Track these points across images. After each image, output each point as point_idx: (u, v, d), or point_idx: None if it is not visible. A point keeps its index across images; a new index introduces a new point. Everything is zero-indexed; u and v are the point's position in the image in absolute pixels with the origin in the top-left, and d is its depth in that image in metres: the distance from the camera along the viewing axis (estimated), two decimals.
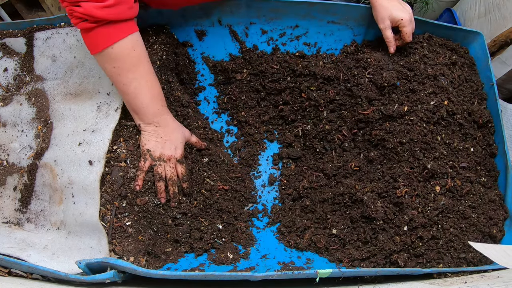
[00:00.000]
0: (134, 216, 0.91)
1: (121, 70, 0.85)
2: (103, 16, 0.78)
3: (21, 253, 0.86)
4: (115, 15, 0.80)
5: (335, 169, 1.09)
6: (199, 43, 1.18)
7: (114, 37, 0.82)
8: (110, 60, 0.84)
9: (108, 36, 0.81)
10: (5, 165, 0.99)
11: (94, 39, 0.82)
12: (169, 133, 0.94)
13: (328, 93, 1.11)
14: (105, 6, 0.77)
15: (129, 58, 0.85)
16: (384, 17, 1.04)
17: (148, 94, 0.89)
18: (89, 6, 0.76)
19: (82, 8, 0.76)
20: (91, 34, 0.81)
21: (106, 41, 0.82)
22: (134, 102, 0.89)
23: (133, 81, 0.87)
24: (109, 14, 0.79)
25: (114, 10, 0.79)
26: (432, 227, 0.92)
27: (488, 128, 1.06)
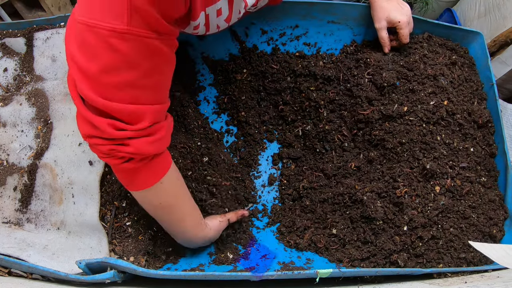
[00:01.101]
0: (134, 216, 0.91)
1: (167, 204, 0.76)
2: (154, 151, 0.65)
3: (21, 253, 0.86)
4: (164, 147, 0.68)
5: (335, 169, 1.09)
6: (199, 43, 1.18)
7: (162, 169, 0.70)
8: (160, 194, 0.73)
9: (157, 170, 0.69)
10: (5, 165, 0.99)
11: (139, 177, 0.69)
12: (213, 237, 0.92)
13: (328, 93, 1.11)
14: (157, 140, 0.64)
15: (177, 189, 0.76)
16: (381, 17, 1.04)
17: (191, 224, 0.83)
18: (141, 143, 0.61)
19: (132, 147, 0.61)
20: (136, 173, 0.68)
21: (155, 176, 0.69)
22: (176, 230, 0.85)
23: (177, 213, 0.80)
24: (160, 148, 0.67)
25: (165, 141, 0.67)
26: (432, 227, 0.92)
27: (488, 128, 1.06)
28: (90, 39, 0.53)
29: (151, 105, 0.60)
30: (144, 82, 0.58)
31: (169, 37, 0.58)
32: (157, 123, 0.64)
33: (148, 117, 0.60)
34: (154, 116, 0.61)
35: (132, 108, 0.58)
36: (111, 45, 0.53)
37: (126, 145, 0.61)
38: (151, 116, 0.61)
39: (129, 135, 0.60)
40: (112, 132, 0.59)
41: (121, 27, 0.52)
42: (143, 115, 0.59)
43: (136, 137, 0.61)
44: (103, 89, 0.56)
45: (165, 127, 0.66)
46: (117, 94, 0.57)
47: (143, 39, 0.54)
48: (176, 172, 0.76)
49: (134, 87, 0.57)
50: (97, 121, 0.58)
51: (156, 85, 0.61)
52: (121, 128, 0.59)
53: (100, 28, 0.52)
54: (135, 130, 0.60)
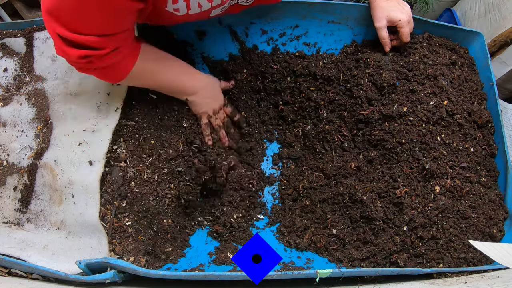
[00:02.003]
0: (134, 216, 0.91)
1: (147, 77, 0.93)
2: (115, 61, 0.80)
3: (21, 253, 0.86)
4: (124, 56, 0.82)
5: (335, 169, 1.09)
6: (199, 43, 1.18)
7: (127, 67, 0.85)
8: (134, 78, 0.89)
9: (122, 69, 0.85)
10: (5, 165, 0.99)
11: (110, 76, 0.86)
12: (211, 90, 1.06)
13: (328, 94, 1.11)
14: (115, 56, 0.79)
15: (149, 67, 0.91)
16: (381, 16, 1.04)
17: (178, 75, 0.99)
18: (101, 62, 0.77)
19: (96, 64, 0.78)
20: (106, 74, 0.84)
21: (123, 73, 0.85)
22: (173, 89, 1.00)
23: (163, 78, 0.95)
24: (118, 59, 0.81)
25: (123, 54, 0.81)
26: (432, 227, 0.92)
27: (488, 128, 1.06)
28: None
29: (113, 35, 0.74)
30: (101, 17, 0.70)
31: None
32: (118, 48, 0.77)
33: (111, 44, 0.75)
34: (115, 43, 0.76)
35: (97, 39, 0.72)
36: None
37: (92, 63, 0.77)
38: (113, 43, 0.75)
39: (93, 59, 0.76)
40: (81, 60, 0.75)
41: None
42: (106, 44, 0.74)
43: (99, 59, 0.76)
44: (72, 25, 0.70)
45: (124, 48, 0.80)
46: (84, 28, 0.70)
47: None
48: (145, 57, 0.89)
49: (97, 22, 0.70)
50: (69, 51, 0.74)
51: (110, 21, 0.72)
52: (88, 55, 0.74)
53: None
54: (98, 55, 0.75)
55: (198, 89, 1.02)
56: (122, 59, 0.83)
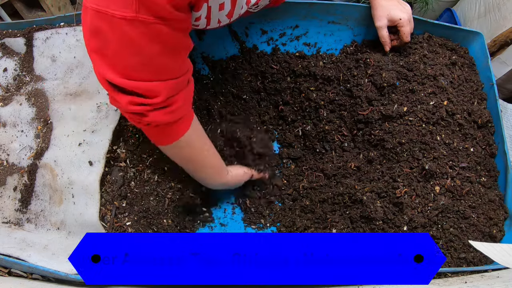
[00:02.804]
0: (134, 216, 0.91)
1: (189, 154, 0.87)
2: (169, 120, 0.74)
3: (21, 253, 0.86)
4: (180, 116, 0.76)
5: (335, 169, 1.09)
6: (199, 43, 1.18)
7: (180, 131, 0.79)
8: (178, 148, 0.83)
9: (174, 132, 0.79)
10: (5, 165, 0.99)
11: (159, 136, 0.80)
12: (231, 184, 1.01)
13: (328, 94, 1.11)
14: (170, 112, 0.73)
15: (196, 143, 0.85)
16: (381, 16, 1.04)
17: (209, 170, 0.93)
18: (157, 114, 0.71)
19: (149, 118, 0.71)
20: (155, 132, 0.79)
21: (172, 137, 0.80)
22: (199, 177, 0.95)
23: (197, 164, 0.90)
24: (174, 117, 0.75)
25: (180, 112, 0.75)
26: (432, 227, 0.92)
27: (488, 128, 1.06)
28: (103, 26, 0.60)
29: (165, 81, 0.68)
30: (157, 62, 0.65)
31: (177, 22, 0.63)
32: (173, 96, 0.71)
33: (164, 92, 0.68)
34: (169, 90, 0.69)
35: (148, 85, 0.66)
36: (122, 31, 0.60)
37: (145, 116, 0.71)
38: (166, 91, 0.69)
39: (146, 109, 0.69)
40: (132, 108, 0.69)
41: (130, 14, 0.58)
42: (159, 91, 0.68)
43: (152, 110, 0.70)
44: (120, 69, 0.65)
45: (180, 98, 0.73)
46: (134, 73, 0.65)
47: (149, 25, 0.60)
48: (196, 131, 0.84)
49: (148, 67, 0.65)
50: (119, 98, 0.68)
51: (168, 64, 0.67)
52: (140, 103, 0.68)
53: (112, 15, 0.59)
54: (151, 104, 0.69)
55: (219, 184, 0.99)
56: (179, 119, 0.76)
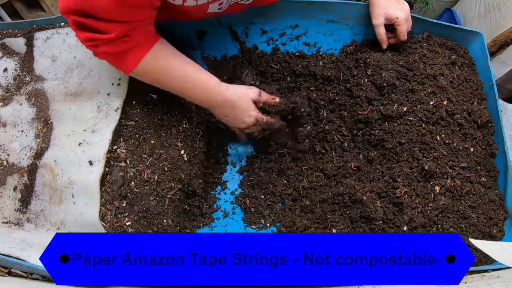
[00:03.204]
0: (134, 216, 0.91)
1: (159, 77, 0.87)
2: (122, 49, 0.78)
3: (21, 253, 0.86)
4: (133, 45, 0.79)
5: (335, 169, 1.09)
6: (199, 43, 1.18)
7: (136, 59, 0.81)
8: (144, 74, 0.85)
9: (131, 60, 0.81)
10: (5, 165, 0.99)
11: (120, 66, 0.83)
12: (230, 109, 0.94)
13: (328, 94, 1.11)
14: (123, 42, 0.77)
15: (160, 65, 0.85)
16: (379, 14, 1.04)
17: (194, 85, 0.89)
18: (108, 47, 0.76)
19: (101, 49, 0.77)
20: (117, 63, 0.82)
21: (131, 64, 0.82)
22: (189, 98, 0.92)
23: (175, 83, 0.88)
24: (127, 47, 0.78)
25: (132, 43, 0.78)
26: (432, 227, 0.92)
27: (488, 128, 1.06)
28: None
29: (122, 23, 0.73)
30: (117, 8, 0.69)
31: None
32: (126, 35, 0.75)
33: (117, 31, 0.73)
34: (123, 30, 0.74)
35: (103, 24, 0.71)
36: None
37: (98, 47, 0.76)
38: (119, 30, 0.73)
39: (98, 43, 0.75)
40: (87, 43, 0.76)
41: None
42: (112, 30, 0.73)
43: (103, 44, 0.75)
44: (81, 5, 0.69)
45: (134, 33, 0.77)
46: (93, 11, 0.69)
47: None
48: (159, 55, 0.84)
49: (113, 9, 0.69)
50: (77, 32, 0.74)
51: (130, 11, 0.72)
52: (93, 38, 0.74)
53: None
54: (103, 40, 0.74)
55: (215, 105, 0.94)
56: (134, 47, 0.80)
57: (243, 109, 0.95)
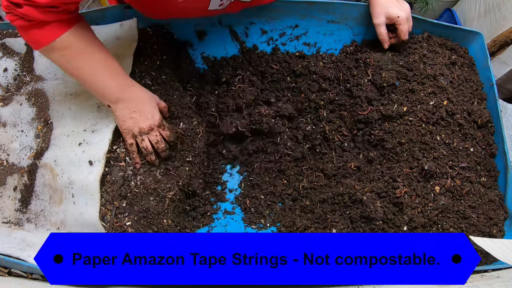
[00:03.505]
0: (134, 216, 0.91)
1: (69, 57, 0.82)
2: (43, 18, 0.74)
3: (21, 253, 0.86)
4: (54, 17, 0.75)
5: (335, 169, 1.09)
6: (199, 43, 1.18)
7: (55, 33, 0.77)
8: (56, 50, 0.80)
9: (49, 33, 0.77)
10: (5, 165, 0.99)
11: (33, 37, 0.78)
12: (140, 104, 0.90)
13: (328, 94, 1.11)
14: (49, 11, 0.73)
15: (76, 44, 0.81)
16: (379, 13, 1.04)
17: (105, 71, 0.85)
18: (32, 10, 0.72)
19: (24, 10, 0.72)
20: (30, 32, 0.77)
21: (47, 37, 0.78)
22: (94, 84, 0.86)
23: (85, 64, 0.83)
24: (47, 17, 0.74)
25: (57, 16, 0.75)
26: (432, 227, 0.92)
27: (488, 128, 1.06)
28: None
29: None
30: None
31: None
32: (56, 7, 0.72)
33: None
34: None
35: None
36: None
37: (20, 7, 0.72)
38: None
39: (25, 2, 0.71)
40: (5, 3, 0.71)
41: None
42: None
43: (27, 4, 0.71)
44: None
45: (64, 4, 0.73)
46: None
47: None
48: (82, 35, 0.81)
49: None
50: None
51: None
52: None
53: None
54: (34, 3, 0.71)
55: (124, 98, 0.88)
56: (52, 22, 0.76)
57: (152, 107, 0.92)
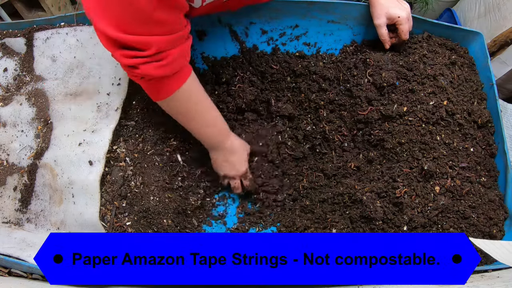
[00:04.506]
0: (134, 216, 0.91)
1: (186, 115, 0.91)
2: (161, 74, 0.77)
3: (21, 253, 0.86)
4: (173, 70, 0.79)
5: (334, 169, 1.09)
6: (199, 43, 1.18)
7: (172, 88, 0.82)
8: (173, 106, 0.88)
9: (167, 87, 0.82)
10: (5, 165, 0.99)
11: (153, 90, 0.83)
12: (231, 155, 1.01)
13: (328, 94, 1.11)
14: (162, 66, 0.76)
15: (190, 102, 0.88)
16: (380, 13, 1.04)
17: (209, 129, 0.96)
18: (147, 68, 0.75)
19: (140, 70, 0.75)
20: (150, 86, 0.82)
21: (165, 92, 0.83)
22: (201, 137, 0.97)
23: (198, 122, 0.93)
24: (166, 72, 0.78)
25: (172, 67, 0.78)
26: (432, 227, 0.92)
27: (488, 128, 1.06)
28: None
29: (158, 36, 0.72)
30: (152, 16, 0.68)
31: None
32: (165, 50, 0.75)
33: (155, 45, 0.72)
34: (161, 44, 0.73)
35: (141, 38, 0.70)
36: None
37: (137, 68, 0.74)
38: (158, 44, 0.72)
39: (138, 61, 0.73)
40: (125, 60, 0.73)
41: None
42: (151, 44, 0.72)
43: (144, 63, 0.74)
44: (116, 23, 0.68)
45: (174, 53, 0.76)
46: (128, 27, 0.69)
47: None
48: (192, 86, 0.86)
49: (143, 21, 0.68)
50: (115, 52, 0.73)
51: (163, 19, 0.70)
52: (132, 56, 0.72)
53: None
54: (142, 57, 0.73)
55: (220, 146, 1.00)
56: (172, 74, 0.80)
57: (241, 158, 1.03)
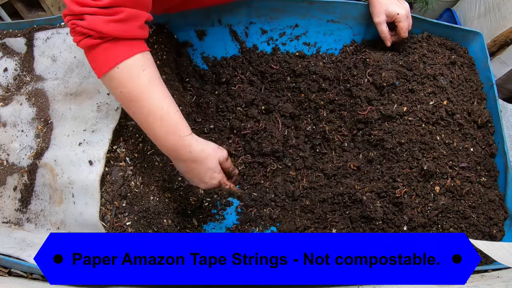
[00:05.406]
0: (134, 216, 0.91)
1: (129, 96, 0.74)
2: (109, 31, 0.68)
3: (21, 253, 0.86)
4: (123, 32, 0.70)
5: (335, 169, 1.09)
6: (199, 43, 1.18)
7: (120, 55, 0.71)
8: (117, 82, 0.73)
9: (114, 54, 0.71)
10: (5, 165, 0.99)
11: (98, 58, 0.72)
12: (195, 164, 0.83)
13: (328, 94, 1.11)
14: (113, 21, 0.68)
15: (138, 80, 0.73)
16: (380, 11, 1.05)
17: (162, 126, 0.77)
18: (95, 19, 0.67)
19: (86, 22, 0.67)
20: (94, 52, 0.71)
21: (111, 60, 0.71)
22: (149, 132, 0.80)
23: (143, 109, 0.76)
24: (116, 30, 0.69)
25: (123, 26, 0.70)
26: (432, 227, 0.92)
27: (488, 128, 1.06)
28: None
29: None
30: None
31: None
32: (119, 6, 0.68)
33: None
34: None
35: None
36: None
37: (83, 19, 0.68)
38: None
39: (87, 11, 0.67)
40: (74, 7, 0.67)
41: None
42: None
43: (93, 14, 0.67)
44: None
45: (126, 12, 0.69)
46: None
47: None
48: (141, 64, 0.74)
49: None
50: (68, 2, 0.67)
51: None
52: (83, 4, 0.67)
53: None
54: (93, 7, 0.67)
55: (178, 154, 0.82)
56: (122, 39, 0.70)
57: (208, 168, 0.84)
